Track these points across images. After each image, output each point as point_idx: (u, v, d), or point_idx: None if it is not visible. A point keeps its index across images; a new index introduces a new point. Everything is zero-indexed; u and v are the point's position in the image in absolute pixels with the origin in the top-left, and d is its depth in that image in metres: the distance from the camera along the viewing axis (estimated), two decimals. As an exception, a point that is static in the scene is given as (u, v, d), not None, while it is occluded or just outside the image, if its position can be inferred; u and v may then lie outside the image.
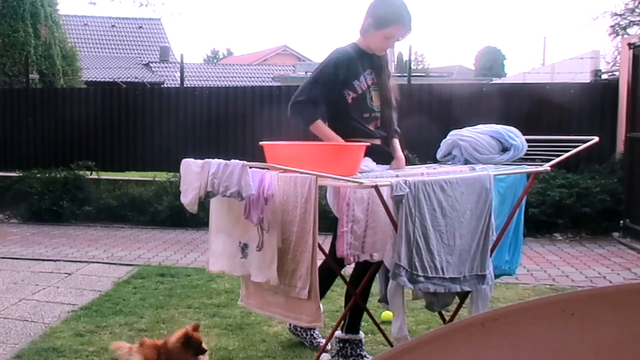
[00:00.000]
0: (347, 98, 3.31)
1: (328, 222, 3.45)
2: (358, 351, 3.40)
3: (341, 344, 3.41)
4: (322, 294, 3.33)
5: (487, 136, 3.32)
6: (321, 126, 3.26)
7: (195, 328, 3.10)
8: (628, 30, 16.18)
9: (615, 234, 7.22)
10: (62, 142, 9.43)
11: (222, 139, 8.98)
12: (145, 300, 4.62)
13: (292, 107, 3.31)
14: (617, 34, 16.34)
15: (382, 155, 3.33)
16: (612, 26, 16.79)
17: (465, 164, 3.29)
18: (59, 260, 6.07)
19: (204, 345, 3.06)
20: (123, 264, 5.93)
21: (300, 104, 3.29)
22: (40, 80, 12.32)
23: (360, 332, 3.48)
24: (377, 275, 3.32)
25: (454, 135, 3.43)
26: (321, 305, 2.84)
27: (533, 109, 7.94)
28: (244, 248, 2.93)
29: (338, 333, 3.41)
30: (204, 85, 12.56)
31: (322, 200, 3.35)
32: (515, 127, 3.42)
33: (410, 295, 3.01)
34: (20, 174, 9.16)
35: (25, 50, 12.09)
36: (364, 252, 3.13)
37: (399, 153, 3.50)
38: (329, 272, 3.32)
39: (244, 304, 3.26)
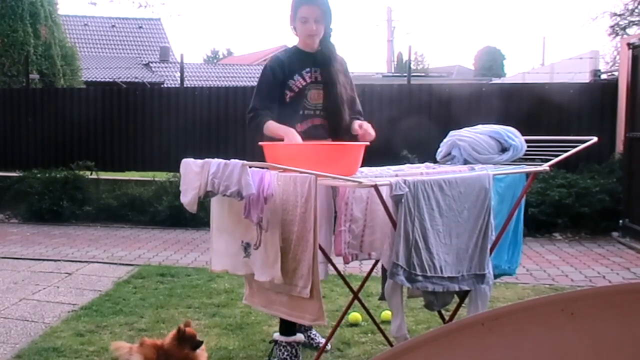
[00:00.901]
0: (285, 98, 3.37)
1: None
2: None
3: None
4: None
5: (486, 136, 3.32)
6: (271, 125, 3.25)
7: (187, 325, 3.11)
8: (627, 31, 16.18)
9: (615, 234, 7.23)
10: (62, 142, 9.43)
11: (222, 139, 8.98)
12: (145, 300, 4.62)
13: (247, 122, 3.39)
14: (617, 34, 16.34)
15: None
16: (611, 26, 16.80)
17: (465, 164, 3.29)
18: (59, 260, 6.07)
19: (198, 338, 3.08)
20: (123, 264, 5.94)
21: (250, 115, 3.36)
22: (40, 80, 12.31)
23: (298, 334, 3.44)
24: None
25: (453, 135, 3.43)
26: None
27: (533, 109, 7.95)
28: (246, 247, 2.94)
29: (276, 335, 3.41)
30: (204, 85, 12.55)
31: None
32: (514, 127, 3.42)
33: (406, 293, 3.01)
34: (20, 174, 9.17)
35: (24, 50, 12.08)
36: (362, 251, 3.14)
37: (355, 126, 3.37)
38: None
39: (248, 303, 3.26)
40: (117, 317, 4.22)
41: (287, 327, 3.36)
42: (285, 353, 3.35)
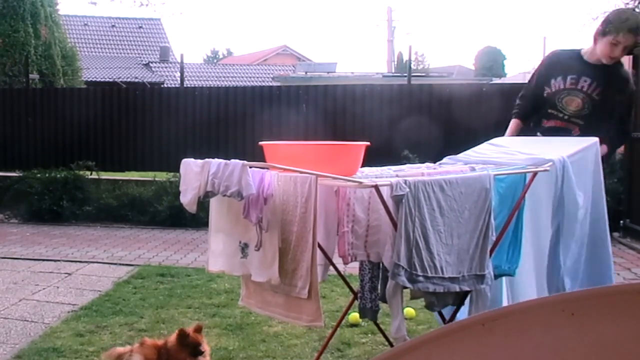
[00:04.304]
0: (544, 92, 3.70)
1: None
2: None
3: None
4: None
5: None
6: (511, 124, 3.74)
7: (198, 329, 3.07)
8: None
9: (615, 234, 7.21)
10: (62, 142, 9.43)
11: (222, 139, 8.98)
12: (145, 300, 4.62)
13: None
14: (617, 34, 16.32)
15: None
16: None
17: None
18: (59, 260, 6.07)
19: (201, 347, 3.01)
20: (123, 264, 5.94)
21: (517, 101, 3.87)
22: (40, 80, 12.33)
23: None
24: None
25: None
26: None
27: (533, 109, 7.93)
28: (244, 248, 2.93)
29: None
30: (204, 85, 12.57)
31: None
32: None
33: (409, 295, 3.01)
34: (20, 174, 9.17)
35: (25, 50, 12.10)
36: (366, 251, 3.13)
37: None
38: None
39: (244, 304, 3.25)
40: (117, 318, 4.22)
41: None
42: None
